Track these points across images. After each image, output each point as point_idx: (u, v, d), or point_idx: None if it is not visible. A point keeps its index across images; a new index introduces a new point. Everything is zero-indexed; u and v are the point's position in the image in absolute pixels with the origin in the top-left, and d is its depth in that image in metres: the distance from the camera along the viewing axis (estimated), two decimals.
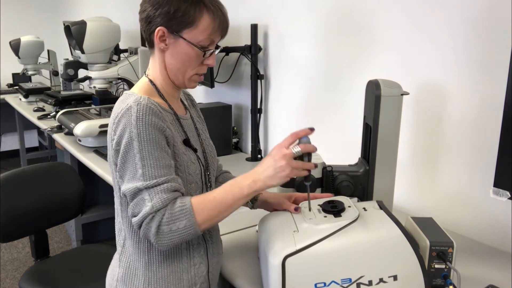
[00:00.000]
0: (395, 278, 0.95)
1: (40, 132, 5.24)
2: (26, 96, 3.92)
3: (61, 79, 3.88)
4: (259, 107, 2.24)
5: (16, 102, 4.03)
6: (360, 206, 1.08)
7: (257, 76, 2.18)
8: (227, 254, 1.28)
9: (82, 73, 3.01)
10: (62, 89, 3.90)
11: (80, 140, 2.47)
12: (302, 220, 1.02)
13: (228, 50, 2.19)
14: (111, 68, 2.71)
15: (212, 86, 2.28)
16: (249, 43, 2.17)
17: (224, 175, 1.32)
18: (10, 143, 5.35)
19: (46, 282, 1.70)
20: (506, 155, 1.08)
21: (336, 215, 1.01)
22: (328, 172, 1.26)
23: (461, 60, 1.39)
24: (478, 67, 1.34)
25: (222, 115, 2.28)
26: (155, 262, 1.05)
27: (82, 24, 2.51)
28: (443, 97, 1.45)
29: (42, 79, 5.16)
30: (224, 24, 1.06)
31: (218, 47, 1.09)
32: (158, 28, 1.01)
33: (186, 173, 1.05)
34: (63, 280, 1.73)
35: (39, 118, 3.25)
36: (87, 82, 2.81)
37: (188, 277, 1.07)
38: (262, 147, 2.31)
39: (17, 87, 4.27)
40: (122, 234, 1.09)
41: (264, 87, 2.26)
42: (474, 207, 1.41)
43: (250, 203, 1.22)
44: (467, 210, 1.43)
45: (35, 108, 3.58)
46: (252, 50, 2.16)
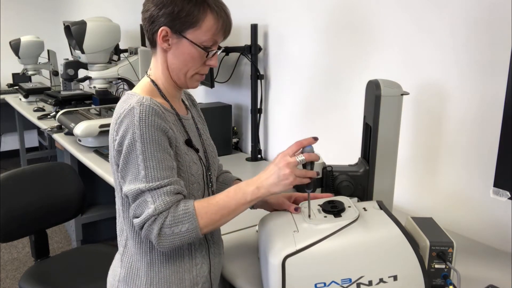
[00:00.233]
0: (395, 278, 0.95)
1: (40, 132, 5.24)
2: (26, 96, 3.92)
3: (61, 79, 3.88)
4: (259, 107, 2.24)
5: (16, 102, 4.03)
6: (360, 206, 1.08)
7: (257, 76, 2.18)
8: (227, 254, 1.28)
9: (82, 73, 3.00)
10: (62, 89, 3.90)
11: (80, 140, 2.47)
12: (302, 220, 1.02)
13: (228, 50, 2.19)
14: (111, 68, 2.71)
15: (212, 86, 2.28)
16: (249, 43, 2.17)
17: (225, 175, 1.32)
18: (10, 143, 5.35)
19: (46, 282, 1.70)
20: (506, 155, 1.08)
21: (336, 215, 1.01)
22: (328, 172, 1.26)
23: (461, 60, 1.39)
24: (478, 67, 1.34)
25: (222, 115, 2.28)
26: (157, 262, 1.05)
27: (82, 24, 2.51)
28: (443, 97, 1.45)
29: (42, 79, 5.16)
30: (228, 25, 1.06)
31: (220, 47, 1.09)
32: (162, 28, 1.01)
33: (188, 173, 1.05)
34: (63, 280, 1.73)
35: (39, 118, 3.25)
36: (87, 82, 2.81)
37: (190, 277, 1.07)
38: (262, 147, 2.31)
39: (17, 87, 4.27)
40: (124, 234, 1.09)
41: (264, 87, 2.26)
42: (474, 207, 1.41)
43: None
44: (467, 210, 1.43)
45: (35, 108, 3.58)
46: (252, 50, 2.16)
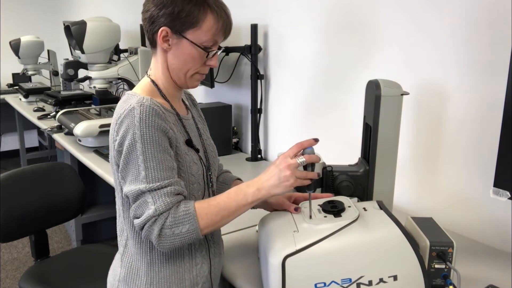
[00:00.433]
0: (395, 278, 0.95)
1: (40, 132, 5.24)
2: (26, 96, 3.92)
3: (61, 79, 3.88)
4: (259, 107, 2.24)
5: (16, 102, 4.03)
6: (360, 206, 1.08)
7: (257, 76, 2.18)
8: (227, 254, 1.28)
9: (82, 73, 3.01)
10: (62, 89, 3.90)
11: (80, 140, 2.47)
12: (302, 220, 1.02)
13: (228, 50, 2.19)
14: (111, 68, 2.71)
15: (212, 86, 2.28)
16: (249, 43, 2.17)
17: (225, 175, 1.32)
18: (10, 143, 5.35)
19: (46, 282, 1.70)
20: (506, 155, 1.08)
21: (336, 215, 1.01)
22: (328, 172, 1.26)
23: (461, 60, 1.39)
24: (478, 67, 1.34)
25: (222, 115, 2.28)
26: (157, 262, 1.05)
27: (82, 24, 2.51)
28: (443, 97, 1.45)
29: (42, 79, 5.16)
30: (228, 25, 1.05)
31: (220, 47, 1.09)
32: (162, 28, 1.01)
33: (189, 173, 1.05)
34: (63, 280, 1.73)
35: (39, 118, 3.25)
36: (87, 82, 2.81)
37: (190, 277, 1.07)
38: (262, 147, 2.31)
39: (17, 87, 4.27)
40: (124, 234, 1.09)
41: (264, 87, 2.26)
42: (474, 207, 1.41)
43: None
44: (467, 210, 1.43)
45: (35, 108, 3.58)
46: (252, 50, 2.16)
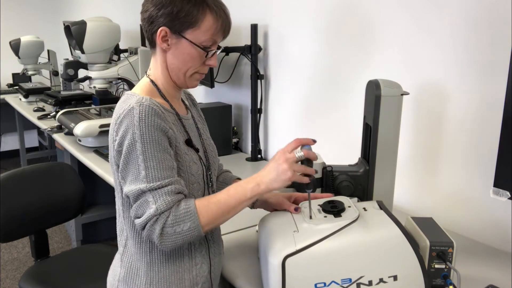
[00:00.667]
0: (395, 278, 0.95)
1: (40, 132, 5.24)
2: (26, 96, 3.92)
3: (61, 79, 3.88)
4: (259, 107, 2.24)
5: (16, 102, 4.03)
6: (360, 206, 1.08)
7: (257, 76, 2.18)
8: (227, 254, 1.28)
9: (82, 73, 3.00)
10: (62, 89, 3.90)
11: (80, 140, 2.47)
12: (302, 220, 1.02)
13: (228, 50, 2.19)
14: (111, 68, 2.71)
15: (212, 86, 2.28)
16: (249, 43, 2.17)
17: (225, 174, 1.32)
18: (10, 143, 5.35)
19: (46, 282, 1.70)
20: (506, 155, 1.08)
21: (336, 215, 1.01)
22: (328, 172, 1.26)
23: (461, 60, 1.39)
24: (478, 67, 1.34)
25: (222, 115, 2.28)
26: (157, 262, 1.05)
27: (82, 24, 2.51)
28: (443, 97, 1.45)
29: (42, 79, 5.16)
30: (227, 25, 1.06)
31: (220, 47, 1.09)
32: (161, 28, 1.01)
33: (188, 173, 1.05)
34: (63, 280, 1.73)
35: (39, 118, 3.25)
36: (87, 82, 2.81)
37: (190, 277, 1.07)
38: (262, 147, 2.31)
39: (17, 87, 4.27)
40: (124, 234, 1.09)
41: (264, 87, 2.26)
42: (474, 207, 1.41)
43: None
44: (467, 210, 1.43)
45: (35, 108, 3.58)
46: (252, 50, 2.16)
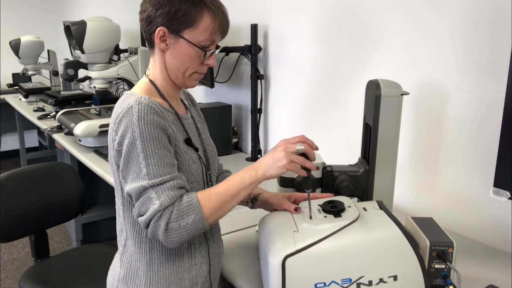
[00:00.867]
0: (395, 278, 0.95)
1: (40, 132, 5.24)
2: (26, 96, 3.92)
3: (61, 79, 3.88)
4: (259, 107, 2.24)
5: (16, 102, 4.03)
6: (360, 206, 1.08)
7: (257, 76, 2.18)
8: (227, 254, 1.28)
9: (82, 73, 3.01)
10: (62, 89, 3.90)
11: (80, 140, 2.47)
12: (302, 220, 1.02)
13: (228, 50, 2.19)
14: (111, 68, 2.71)
15: (212, 86, 2.28)
16: (249, 43, 2.17)
17: (225, 174, 1.32)
18: (10, 143, 5.35)
19: (46, 282, 1.70)
20: (506, 155, 1.08)
21: (336, 215, 1.01)
22: (328, 172, 1.26)
23: (461, 60, 1.39)
24: (478, 67, 1.34)
25: (222, 115, 2.28)
26: (156, 262, 1.05)
27: (82, 24, 2.51)
28: (443, 97, 1.45)
29: (42, 79, 5.16)
30: (225, 24, 1.06)
31: (218, 47, 1.09)
32: (159, 28, 1.01)
33: (188, 172, 1.05)
34: (63, 280, 1.73)
35: (39, 118, 3.25)
36: (87, 82, 2.81)
37: (189, 276, 1.07)
38: (262, 147, 2.31)
39: (17, 87, 4.27)
40: (124, 234, 1.09)
41: (264, 87, 2.26)
42: (474, 207, 1.41)
43: (250, 203, 1.22)
44: (467, 210, 1.43)
45: (35, 108, 3.58)
46: (252, 50, 2.16)
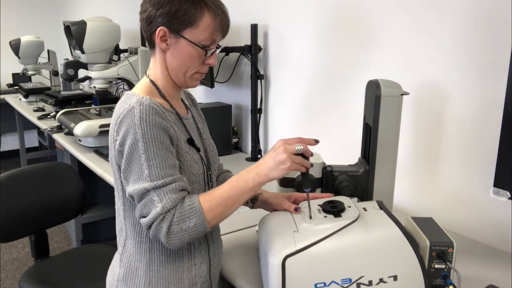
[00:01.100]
0: (395, 278, 0.95)
1: (40, 132, 5.24)
2: (26, 96, 3.92)
3: (61, 79, 3.88)
4: (259, 107, 2.24)
5: (16, 102, 4.02)
6: (360, 206, 1.08)
7: (257, 76, 2.18)
8: (227, 254, 1.28)
9: (82, 73, 3.00)
10: (62, 89, 3.90)
11: (80, 140, 2.47)
12: (302, 220, 1.02)
13: (228, 50, 2.19)
14: (111, 68, 2.71)
15: (212, 86, 2.28)
16: (249, 43, 2.17)
17: (225, 174, 1.32)
18: (10, 143, 5.34)
19: (46, 282, 1.70)
20: (506, 155, 1.08)
21: (336, 215, 1.01)
22: (328, 172, 1.26)
23: (461, 60, 1.39)
24: (478, 67, 1.34)
25: (222, 115, 2.28)
26: (156, 262, 1.05)
27: (82, 24, 2.51)
28: (443, 97, 1.45)
29: (42, 79, 5.15)
30: (225, 23, 1.06)
31: (219, 46, 1.09)
32: (159, 28, 1.01)
33: (189, 172, 1.05)
34: (63, 280, 1.73)
35: (39, 118, 3.25)
36: (87, 82, 2.81)
37: (189, 276, 1.07)
38: (262, 147, 2.31)
39: (17, 87, 4.27)
40: (123, 234, 1.09)
41: (264, 87, 2.26)
42: (474, 207, 1.41)
43: (250, 203, 1.22)
44: (467, 210, 1.43)
45: (35, 108, 3.58)
46: (252, 50, 2.16)
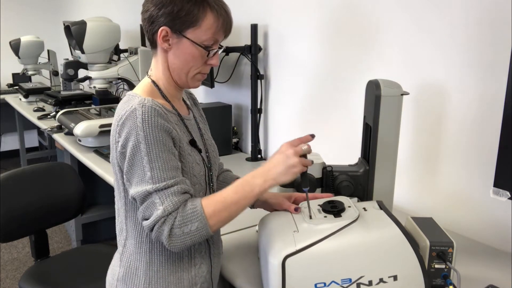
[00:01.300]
0: (395, 278, 0.95)
1: (40, 132, 5.24)
2: (26, 96, 3.92)
3: (61, 79, 3.88)
4: (259, 107, 2.24)
5: (16, 102, 4.02)
6: (360, 206, 1.08)
7: (257, 76, 2.18)
8: (227, 254, 1.28)
9: (82, 73, 3.00)
10: (62, 89, 3.90)
11: (80, 140, 2.47)
12: (302, 220, 1.02)
13: (228, 50, 2.19)
14: (111, 68, 2.71)
15: (212, 86, 2.28)
16: (249, 43, 2.17)
17: (225, 174, 1.31)
18: (10, 143, 5.34)
19: (46, 282, 1.70)
20: (506, 155, 1.08)
21: (336, 215, 1.01)
22: (328, 172, 1.26)
23: (461, 60, 1.39)
24: (478, 67, 1.34)
25: (222, 115, 2.28)
26: (156, 262, 1.05)
27: (82, 24, 2.51)
28: (443, 97, 1.45)
29: (42, 79, 5.15)
30: (228, 23, 1.05)
31: (221, 46, 1.09)
32: (161, 28, 1.01)
33: (191, 174, 1.04)
34: (63, 280, 1.73)
35: (39, 118, 3.25)
36: (87, 82, 2.81)
37: (188, 277, 1.07)
38: (262, 147, 2.31)
39: (17, 87, 4.27)
40: (123, 234, 1.09)
41: (264, 87, 2.26)
42: (474, 207, 1.41)
43: None
44: (467, 210, 1.43)
45: (35, 108, 3.58)
46: (252, 50, 2.16)
